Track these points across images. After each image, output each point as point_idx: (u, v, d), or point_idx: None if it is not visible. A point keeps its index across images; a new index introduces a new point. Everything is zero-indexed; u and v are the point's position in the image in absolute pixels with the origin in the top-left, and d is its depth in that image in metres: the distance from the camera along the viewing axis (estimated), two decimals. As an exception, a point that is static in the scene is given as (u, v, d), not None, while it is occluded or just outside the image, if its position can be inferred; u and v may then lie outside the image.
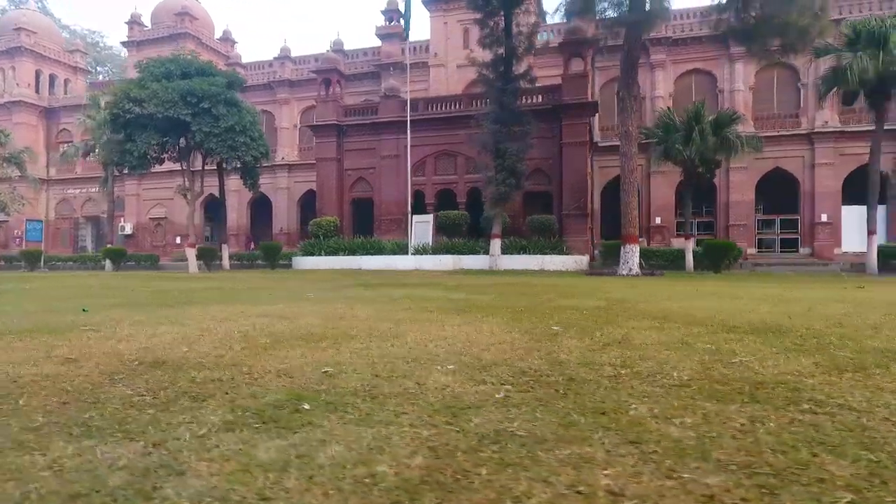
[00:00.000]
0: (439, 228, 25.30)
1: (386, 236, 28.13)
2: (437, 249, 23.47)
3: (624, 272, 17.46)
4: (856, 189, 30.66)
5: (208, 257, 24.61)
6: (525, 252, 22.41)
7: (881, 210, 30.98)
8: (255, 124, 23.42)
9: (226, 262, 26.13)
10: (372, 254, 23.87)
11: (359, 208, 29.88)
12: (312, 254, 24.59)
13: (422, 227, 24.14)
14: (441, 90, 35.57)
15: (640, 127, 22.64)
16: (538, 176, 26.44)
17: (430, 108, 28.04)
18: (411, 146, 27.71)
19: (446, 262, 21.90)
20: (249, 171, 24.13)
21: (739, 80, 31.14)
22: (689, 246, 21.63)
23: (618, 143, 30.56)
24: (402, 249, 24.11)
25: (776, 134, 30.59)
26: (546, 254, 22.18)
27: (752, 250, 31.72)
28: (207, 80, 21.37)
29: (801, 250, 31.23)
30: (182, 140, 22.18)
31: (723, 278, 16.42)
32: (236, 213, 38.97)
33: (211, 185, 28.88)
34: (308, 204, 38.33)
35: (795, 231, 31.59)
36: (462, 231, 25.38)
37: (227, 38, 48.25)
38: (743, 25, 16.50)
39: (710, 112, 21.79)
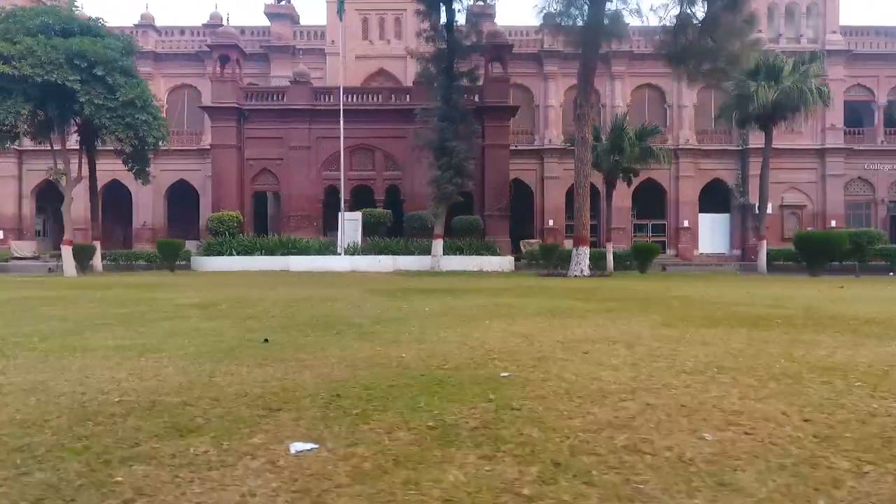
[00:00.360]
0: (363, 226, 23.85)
1: (296, 233, 25.71)
2: (367, 249, 22.00)
3: (576, 272, 18.06)
4: (709, 199, 36.00)
5: (84, 256, 19.97)
6: (461, 253, 22.10)
7: (726, 218, 36.94)
8: (152, 100, 19.70)
9: (98, 262, 21.63)
10: (294, 253, 21.58)
11: (258, 202, 26.97)
12: (221, 253, 21.45)
13: (351, 226, 22.45)
14: (338, 80, 33.63)
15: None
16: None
17: (349, 98, 26.26)
18: (325, 137, 25.82)
19: (385, 262, 20.65)
20: (139, 156, 20.21)
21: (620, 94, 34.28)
22: (610, 248, 23.17)
23: (525, 147, 32.90)
24: (327, 249, 22.19)
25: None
26: (482, 255, 22.12)
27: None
28: (99, 42, 17.38)
29: (668, 251, 35.46)
30: (59, 112, 17.77)
31: (666, 277, 17.84)
32: (83, 203, 32.70)
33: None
34: (177, 197, 33.52)
35: (663, 234, 35.70)
36: (384, 230, 24.22)
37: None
38: (680, 49, 18.05)
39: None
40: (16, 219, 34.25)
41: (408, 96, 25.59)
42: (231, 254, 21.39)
